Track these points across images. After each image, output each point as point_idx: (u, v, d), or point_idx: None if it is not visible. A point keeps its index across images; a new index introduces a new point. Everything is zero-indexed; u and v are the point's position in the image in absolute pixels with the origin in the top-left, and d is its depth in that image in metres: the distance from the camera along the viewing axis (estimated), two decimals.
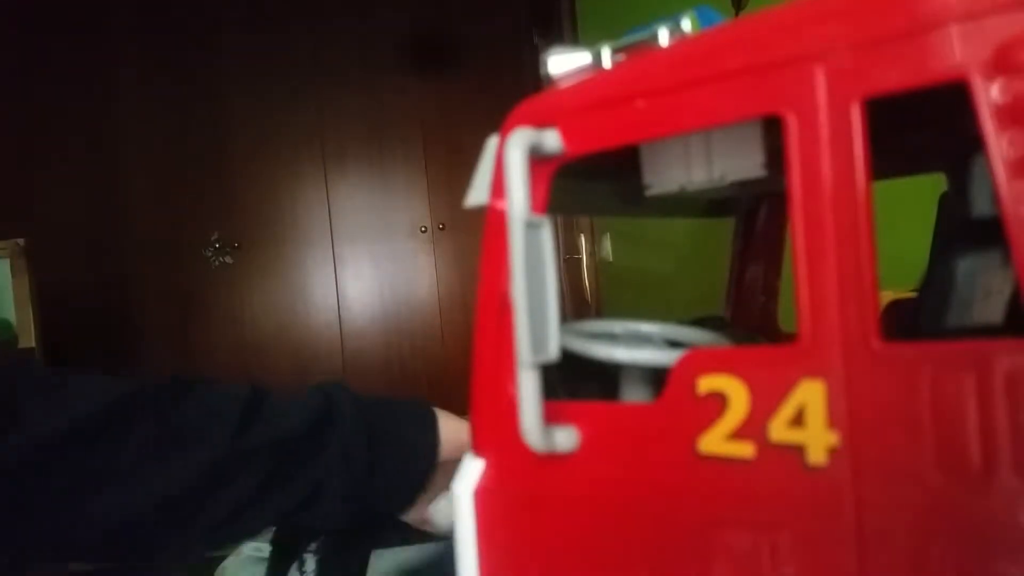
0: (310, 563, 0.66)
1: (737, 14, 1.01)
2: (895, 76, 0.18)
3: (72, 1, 2.39)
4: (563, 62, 0.25)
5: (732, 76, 0.21)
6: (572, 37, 2.08)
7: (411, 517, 0.54)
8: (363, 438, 0.47)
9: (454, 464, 0.51)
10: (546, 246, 0.23)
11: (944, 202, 0.35)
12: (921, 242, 0.34)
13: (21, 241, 1.74)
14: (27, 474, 0.39)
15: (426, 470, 0.49)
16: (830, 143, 0.19)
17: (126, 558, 0.45)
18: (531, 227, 0.23)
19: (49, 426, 0.40)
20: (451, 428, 0.51)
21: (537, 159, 0.24)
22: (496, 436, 0.26)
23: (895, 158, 0.31)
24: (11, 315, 1.74)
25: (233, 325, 2.42)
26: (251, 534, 0.48)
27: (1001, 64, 0.17)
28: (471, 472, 0.26)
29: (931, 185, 0.35)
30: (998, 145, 0.17)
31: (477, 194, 0.27)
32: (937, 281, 0.29)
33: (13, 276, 1.73)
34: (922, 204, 0.36)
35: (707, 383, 0.21)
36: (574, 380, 0.27)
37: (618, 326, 0.29)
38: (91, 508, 0.41)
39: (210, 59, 2.44)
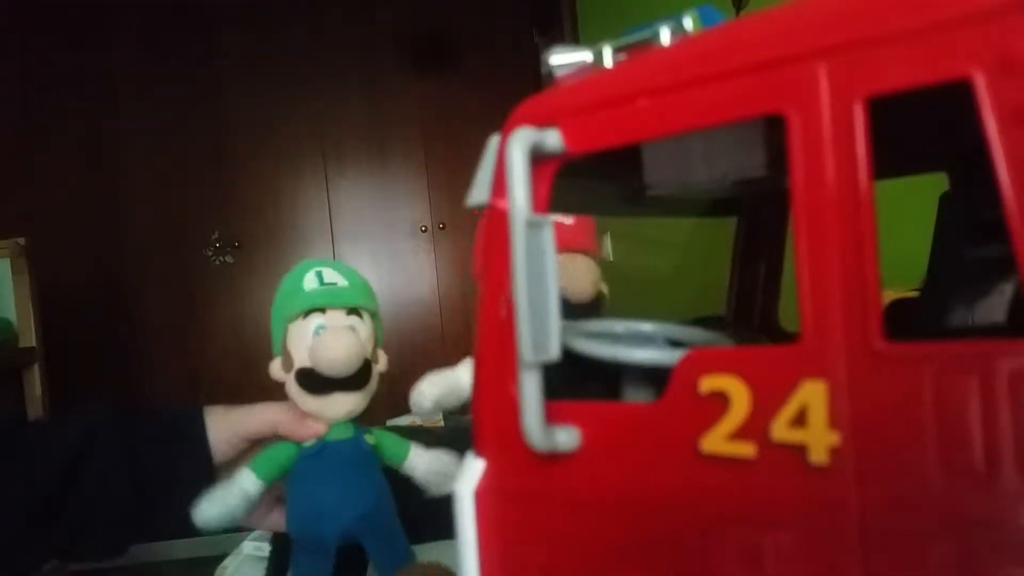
0: None
1: (738, 13, 1.00)
2: (898, 75, 0.18)
3: (72, 1, 2.39)
4: (564, 61, 0.25)
5: (734, 75, 0.21)
6: (572, 36, 2.08)
7: (253, 522, 0.54)
8: (125, 465, 0.48)
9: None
10: (547, 245, 0.23)
11: (945, 202, 0.35)
12: (922, 241, 0.34)
13: (21, 241, 1.74)
14: None
15: (204, 475, 0.50)
16: (833, 142, 0.19)
17: None
18: (532, 226, 0.23)
19: None
20: (219, 428, 0.52)
21: (538, 159, 0.24)
22: (497, 436, 0.26)
23: (897, 157, 0.31)
24: (11, 315, 1.74)
25: (233, 325, 2.42)
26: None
27: (1005, 64, 0.17)
28: (472, 472, 0.26)
29: (932, 185, 0.35)
30: (1001, 144, 0.17)
31: (478, 193, 0.27)
32: (939, 281, 0.29)
33: (13, 276, 1.73)
34: (923, 204, 0.36)
35: (709, 383, 0.21)
36: (575, 380, 0.26)
37: (619, 326, 0.29)
38: None
39: (210, 59, 2.44)
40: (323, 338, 0.52)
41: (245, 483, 0.51)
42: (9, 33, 2.34)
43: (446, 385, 0.51)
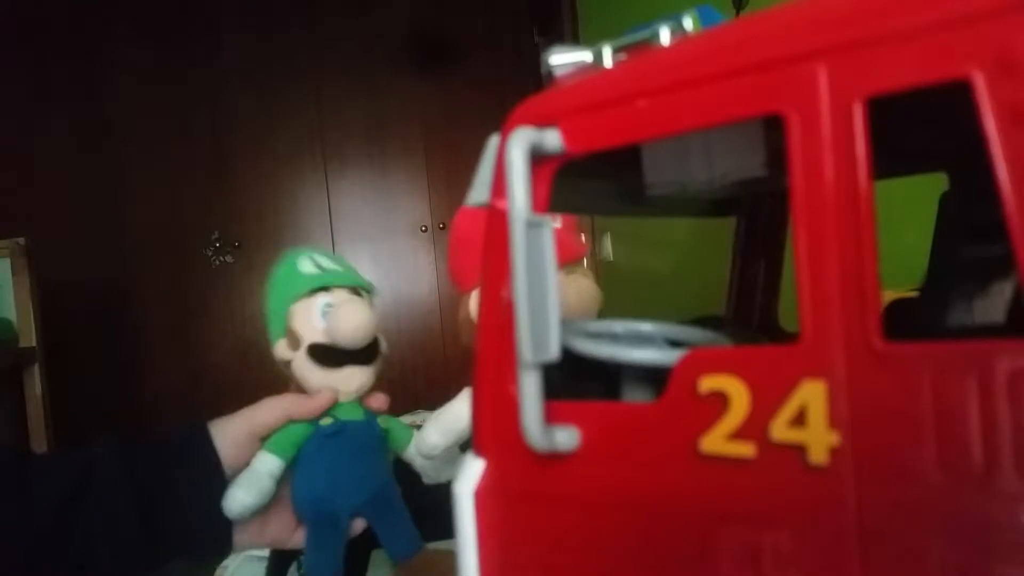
0: None
1: (738, 13, 1.00)
2: (898, 75, 0.18)
3: (73, 3, 2.39)
4: (564, 61, 0.25)
5: (734, 75, 0.21)
6: (572, 36, 2.08)
7: (246, 541, 0.53)
8: (130, 495, 0.47)
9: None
10: (547, 245, 0.23)
11: (944, 202, 0.35)
12: (922, 242, 0.34)
13: (21, 241, 1.74)
14: None
15: (216, 490, 0.49)
16: (832, 142, 0.19)
17: None
18: (532, 226, 0.23)
19: None
20: (228, 434, 0.51)
21: (538, 158, 0.24)
22: (497, 436, 0.26)
23: (896, 158, 0.31)
24: (11, 315, 1.74)
25: (233, 325, 2.43)
26: None
27: (1005, 64, 0.17)
28: (472, 472, 0.26)
29: (931, 185, 0.35)
30: (1001, 144, 0.17)
31: (478, 193, 0.27)
32: (939, 281, 0.29)
33: (13, 276, 1.73)
34: (922, 204, 0.36)
35: (708, 383, 0.21)
36: (575, 380, 0.26)
37: (619, 326, 0.29)
38: None
39: (210, 59, 2.44)
40: (339, 310, 0.53)
41: (268, 466, 0.51)
42: (10, 34, 2.34)
43: (452, 431, 0.51)
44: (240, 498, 0.49)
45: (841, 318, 0.19)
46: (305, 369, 0.54)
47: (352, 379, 0.54)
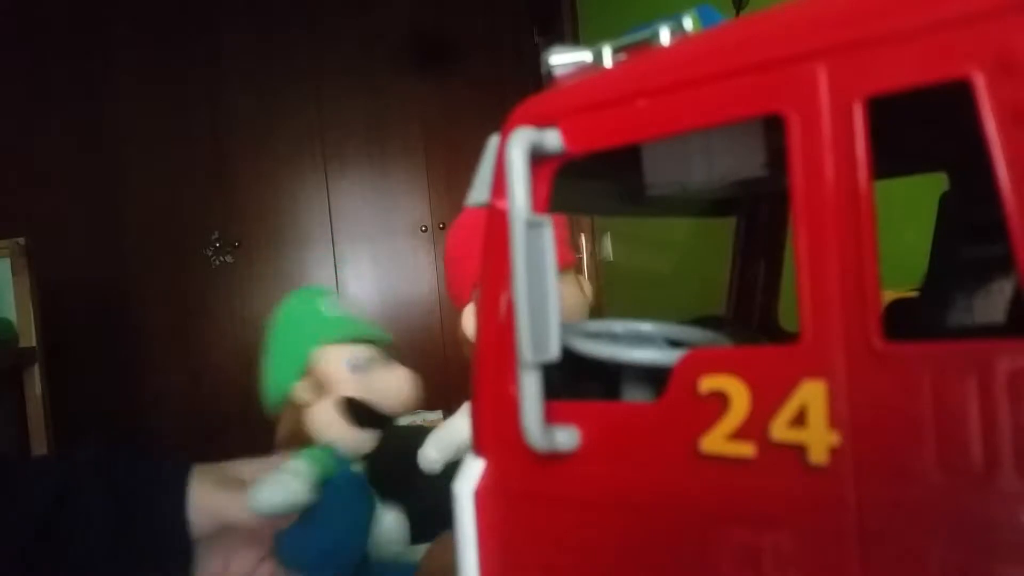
0: None
1: (738, 13, 1.00)
2: (898, 75, 0.18)
3: (72, 1, 2.39)
4: (564, 61, 0.25)
5: (734, 75, 0.21)
6: (572, 36, 2.08)
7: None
8: (107, 500, 0.48)
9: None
10: (547, 245, 0.23)
11: (944, 202, 0.35)
12: (922, 242, 0.34)
13: (21, 241, 1.74)
14: None
15: (181, 533, 0.49)
16: (832, 142, 0.19)
17: None
18: (532, 226, 0.23)
19: None
20: (205, 497, 0.50)
21: (538, 158, 0.24)
22: (497, 436, 0.26)
23: (896, 158, 0.31)
24: (11, 315, 1.73)
25: (233, 325, 2.42)
26: None
27: (1005, 64, 0.17)
28: (472, 471, 0.26)
29: (931, 185, 0.35)
30: (1001, 144, 0.17)
31: (478, 193, 0.27)
32: (939, 281, 0.29)
33: (13, 276, 1.73)
34: (922, 204, 0.36)
35: (708, 383, 0.21)
36: (575, 380, 0.26)
37: (619, 326, 0.29)
38: None
39: (209, 59, 2.44)
40: (392, 376, 0.53)
41: (300, 468, 0.50)
42: (10, 34, 2.34)
43: (450, 445, 0.52)
44: (271, 499, 0.47)
45: (841, 318, 0.19)
46: (328, 419, 0.53)
47: (369, 441, 0.54)
